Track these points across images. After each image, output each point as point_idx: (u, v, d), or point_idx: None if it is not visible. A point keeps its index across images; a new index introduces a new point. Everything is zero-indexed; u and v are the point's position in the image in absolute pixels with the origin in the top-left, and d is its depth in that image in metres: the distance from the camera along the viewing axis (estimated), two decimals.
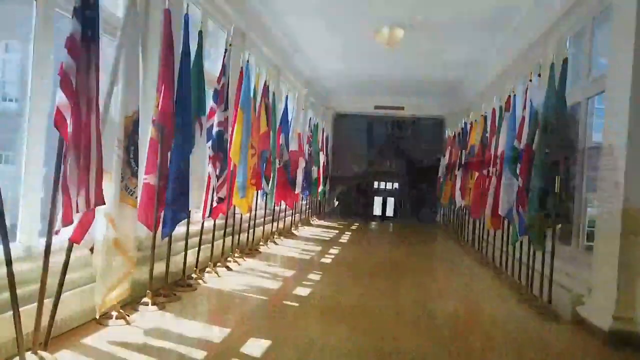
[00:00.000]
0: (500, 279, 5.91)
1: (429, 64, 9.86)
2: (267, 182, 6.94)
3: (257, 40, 7.36)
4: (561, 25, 5.86)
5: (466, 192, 8.86)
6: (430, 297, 4.96)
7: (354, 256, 7.18)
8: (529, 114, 5.32)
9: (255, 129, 6.18)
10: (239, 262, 5.80)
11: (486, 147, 7.67)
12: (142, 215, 3.80)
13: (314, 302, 4.40)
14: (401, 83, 12.13)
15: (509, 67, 7.99)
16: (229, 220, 5.87)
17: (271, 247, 7.33)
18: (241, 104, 5.46)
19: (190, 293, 4.30)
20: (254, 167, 6.12)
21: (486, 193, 7.19)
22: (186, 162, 3.98)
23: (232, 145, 5.41)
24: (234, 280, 4.93)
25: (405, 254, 7.90)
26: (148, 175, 3.81)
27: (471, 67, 9.60)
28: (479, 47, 8.35)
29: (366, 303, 4.44)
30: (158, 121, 3.78)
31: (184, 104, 3.93)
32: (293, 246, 7.64)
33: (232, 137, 5.42)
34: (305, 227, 10.49)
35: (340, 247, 7.96)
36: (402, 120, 16.44)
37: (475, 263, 7.20)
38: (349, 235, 9.91)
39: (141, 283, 3.81)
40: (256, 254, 6.57)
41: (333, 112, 14.57)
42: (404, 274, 6.08)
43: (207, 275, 4.94)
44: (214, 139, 4.71)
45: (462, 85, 11.38)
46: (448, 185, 11.21)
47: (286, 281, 5.12)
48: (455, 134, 11.16)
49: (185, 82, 3.96)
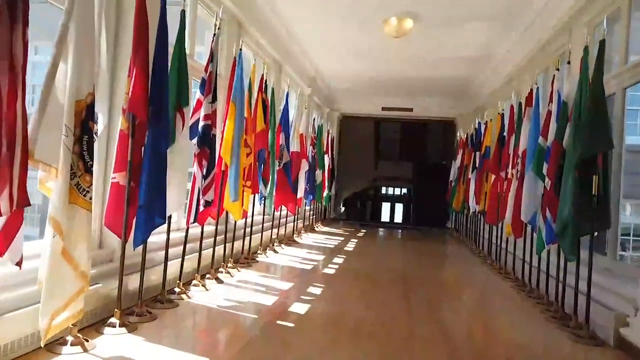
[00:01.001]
0: (524, 294, 5.29)
1: (439, 61, 9.28)
2: (265, 185, 6.37)
3: (255, 32, 6.82)
4: (590, 9, 5.26)
5: (481, 196, 8.24)
6: (445, 315, 4.35)
7: (360, 266, 6.58)
8: (556, 107, 4.73)
9: (251, 126, 5.63)
10: (232, 273, 5.23)
11: (504, 147, 7.06)
12: (109, 219, 3.26)
13: (312, 321, 3.81)
14: (410, 83, 11.56)
15: (528, 59, 7.38)
16: (222, 227, 5.31)
17: (270, 255, 6.75)
18: (233, 96, 4.91)
19: (169, 311, 3.73)
20: (249, 167, 5.56)
21: (505, 197, 6.58)
22: (162, 159, 3.42)
23: (222, 142, 4.86)
24: (223, 295, 4.35)
25: (416, 264, 7.28)
26: (117, 174, 3.26)
27: (485, 62, 9.00)
28: (494, 39, 7.75)
29: (373, 322, 3.85)
30: (129, 110, 3.23)
31: (160, 92, 3.38)
32: (294, 255, 7.05)
33: (224, 134, 4.87)
34: (309, 234, 9.90)
35: (345, 256, 7.36)
36: (411, 122, 15.87)
37: (493, 274, 6.57)
38: (355, 243, 9.31)
39: (113, 299, 3.27)
40: (253, 264, 5.99)
41: (339, 113, 14.00)
42: (415, 286, 5.47)
43: (193, 289, 4.37)
44: (199, 134, 4.15)
45: (474, 84, 10.77)
46: (460, 190, 10.61)
47: (283, 295, 4.53)
48: (467, 135, 10.57)
49: (161, 67, 3.40)
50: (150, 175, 3.30)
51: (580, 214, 3.90)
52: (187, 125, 3.88)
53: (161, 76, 3.40)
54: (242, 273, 5.37)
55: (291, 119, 7.87)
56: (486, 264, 7.44)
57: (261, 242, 6.79)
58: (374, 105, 13.51)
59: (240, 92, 4.93)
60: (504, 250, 6.88)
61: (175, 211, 3.86)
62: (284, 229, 8.16)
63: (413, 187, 19.79)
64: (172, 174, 3.70)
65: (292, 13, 7.33)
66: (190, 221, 4.14)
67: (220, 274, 5.09)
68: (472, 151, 9.79)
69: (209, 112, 4.20)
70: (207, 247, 4.99)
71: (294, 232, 8.85)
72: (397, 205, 22.25)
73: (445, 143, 17.80)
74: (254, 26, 6.72)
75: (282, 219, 8.04)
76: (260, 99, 6.00)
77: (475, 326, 4.18)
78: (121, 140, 3.28)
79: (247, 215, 5.82)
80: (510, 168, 6.47)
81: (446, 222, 13.92)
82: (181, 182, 3.83)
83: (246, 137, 5.48)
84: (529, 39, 7.02)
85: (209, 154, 4.23)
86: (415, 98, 13.05)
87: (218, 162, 5.01)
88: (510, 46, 7.75)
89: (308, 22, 7.70)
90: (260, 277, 5.30)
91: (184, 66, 3.82)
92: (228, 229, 5.51)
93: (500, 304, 5.09)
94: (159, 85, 3.38)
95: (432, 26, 7.38)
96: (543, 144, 4.94)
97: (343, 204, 18.20)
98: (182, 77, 3.79)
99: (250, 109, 5.59)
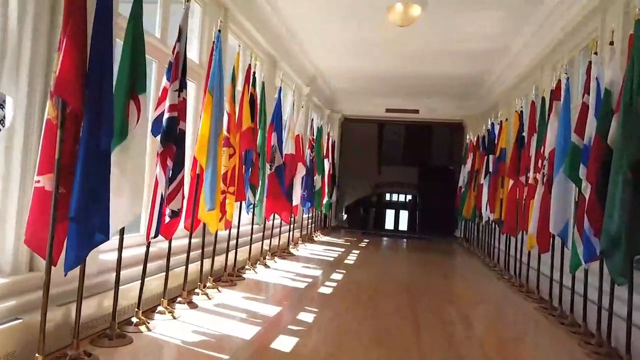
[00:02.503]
0: (554, 318, 4.49)
1: (448, 56, 8.51)
2: (254, 191, 5.60)
3: (244, 21, 6.09)
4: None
5: (496, 203, 7.45)
6: (465, 346, 3.54)
7: (362, 283, 5.78)
8: (595, 97, 3.96)
9: (235, 124, 4.88)
10: (210, 294, 4.45)
11: (523, 149, 6.28)
12: (31, 235, 2.50)
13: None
14: (415, 82, 10.79)
15: (550, 49, 6.60)
16: (198, 240, 4.55)
17: (260, 271, 5.97)
18: (210, 85, 4.15)
19: (118, 350, 2.96)
20: (233, 171, 4.80)
21: (526, 205, 5.79)
22: (103, 158, 2.65)
23: (197, 140, 4.10)
24: (193, 324, 3.57)
25: (425, 280, 6.48)
26: (42, 176, 2.51)
27: (499, 55, 8.21)
28: (510, 28, 6.96)
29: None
30: (55, 92, 2.48)
31: (101, 72, 2.62)
32: (287, 270, 6.27)
33: (199, 130, 4.11)
34: (307, 245, 9.10)
35: (345, 271, 6.57)
36: (416, 125, 15.12)
37: (512, 293, 5.76)
38: (356, 254, 8.52)
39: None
40: (238, 282, 5.21)
41: (340, 115, 13.23)
42: (426, 309, 4.67)
43: (157, 318, 3.60)
44: (163, 129, 3.39)
45: (485, 81, 9.99)
46: (471, 196, 9.81)
47: (266, 325, 3.75)
48: (478, 137, 9.80)
49: (104, 41, 2.65)
50: (85, 178, 2.54)
51: (636, 226, 3.11)
52: (146, 118, 3.12)
53: (103, 53, 2.65)
54: (223, 294, 4.59)
55: (285, 118, 7.13)
56: (503, 279, 6.63)
57: (249, 256, 6.00)
58: (377, 106, 12.75)
59: (218, 81, 4.16)
60: (524, 265, 6.07)
61: (126, 224, 3.09)
62: (277, 240, 7.38)
63: (418, 193, 18.97)
64: (122, 177, 2.94)
65: (288, 4, 6.60)
66: (151, 236, 3.37)
67: (195, 296, 4.32)
68: (484, 154, 9.01)
69: (174, 103, 3.43)
70: (179, 264, 4.23)
71: (289, 244, 8.06)
72: (402, 213, 21.41)
73: (452, 147, 17.02)
74: (243, 15, 5.99)
75: (276, 228, 7.26)
76: (246, 93, 5.25)
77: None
78: (48, 133, 2.52)
79: (230, 225, 5.05)
80: (532, 172, 5.70)
81: (454, 231, 13.10)
82: (136, 187, 3.06)
83: (229, 135, 4.74)
84: (551, 26, 6.24)
85: (176, 152, 3.45)
86: (421, 99, 12.29)
87: (193, 165, 4.27)
88: (528, 36, 6.97)
89: (304, 11, 6.97)
90: (243, 299, 4.52)
91: (141, 45, 3.07)
92: (207, 243, 4.75)
93: (528, 331, 4.29)
94: (99, 64, 2.62)
95: (441, 15, 6.61)
96: (578, 142, 4.17)
97: (345, 211, 17.39)
98: (137, 57, 3.04)
99: (235, 104, 4.84)
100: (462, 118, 12.53)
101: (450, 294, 5.55)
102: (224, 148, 4.68)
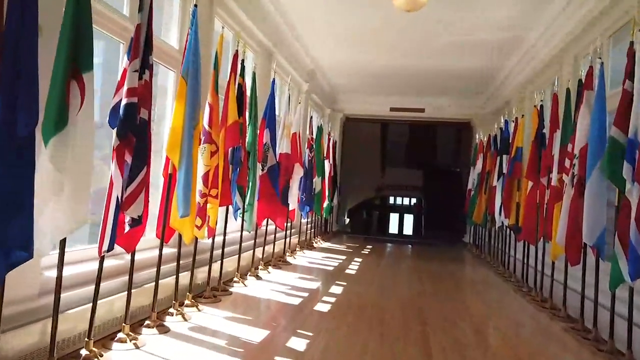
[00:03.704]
0: (589, 343, 3.83)
1: (457, 48, 7.87)
2: (242, 194, 4.97)
3: (236, 9, 5.47)
4: None
5: (511, 207, 6.80)
6: None
7: (363, 299, 5.13)
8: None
9: (218, 117, 4.25)
10: (188, 314, 3.82)
11: (543, 148, 5.64)
12: None
13: None
14: (421, 78, 10.17)
15: (573, 36, 5.96)
16: (179, 250, 3.93)
17: (250, 284, 5.33)
18: (183, 69, 3.52)
19: None
20: (215, 171, 4.17)
21: (549, 209, 5.15)
22: (25, 150, 2.03)
23: (169, 133, 3.47)
24: (157, 355, 2.94)
25: (434, 295, 5.82)
26: None
27: (514, 45, 7.57)
28: (529, 12, 6.32)
29: None
30: None
31: (16, 40, 2.00)
32: (282, 282, 5.63)
33: (171, 122, 3.48)
34: (305, 252, 8.46)
35: (346, 282, 5.93)
36: (422, 125, 14.48)
37: (534, 309, 5.10)
38: (359, 262, 7.87)
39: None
40: (224, 297, 4.58)
41: (342, 114, 12.59)
42: (438, 332, 4.02)
43: (114, 348, 2.97)
44: (120, 119, 2.76)
45: (497, 77, 9.36)
46: (482, 200, 9.16)
47: (248, 355, 3.11)
48: (489, 137, 9.16)
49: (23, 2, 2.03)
50: None
51: None
52: (93, 102, 2.50)
53: (21, 15, 2.03)
54: (203, 314, 3.95)
55: (280, 114, 6.52)
56: (520, 291, 5.97)
57: (238, 267, 5.36)
58: (380, 105, 12.12)
59: (194, 65, 3.53)
60: (547, 277, 5.42)
61: (68, 234, 2.47)
62: (272, 247, 6.73)
63: (424, 196, 18.30)
64: (61, 175, 2.33)
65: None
66: (103, 249, 2.73)
67: (169, 317, 3.69)
68: (496, 155, 8.36)
69: (133, 86, 2.80)
70: (145, 281, 3.60)
71: (285, 252, 7.42)
72: (406, 216, 20.75)
73: (459, 147, 16.38)
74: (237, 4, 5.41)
75: (271, 235, 6.62)
76: (233, 83, 4.63)
77: None
78: None
79: (214, 233, 4.43)
80: (555, 172, 5.06)
81: (462, 236, 12.42)
82: (79, 188, 2.43)
83: (210, 130, 4.11)
84: (574, 11, 5.61)
85: (136, 146, 2.82)
86: (427, 96, 11.65)
87: (165, 165, 3.65)
88: (547, 23, 6.33)
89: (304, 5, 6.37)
90: (226, 319, 3.88)
91: (86, 11, 2.46)
92: (187, 253, 4.12)
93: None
94: (15, 30, 2.00)
95: (449, 1, 6.00)
96: (619, 136, 3.54)
97: (347, 215, 16.74)
98: (82, 29, 2.43)
99: (218, 94, 4.21)
100: (471, 117, 11.88)
101: (464, 312, 4.89)
102: (204, 145, 4.07)
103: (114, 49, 3.87)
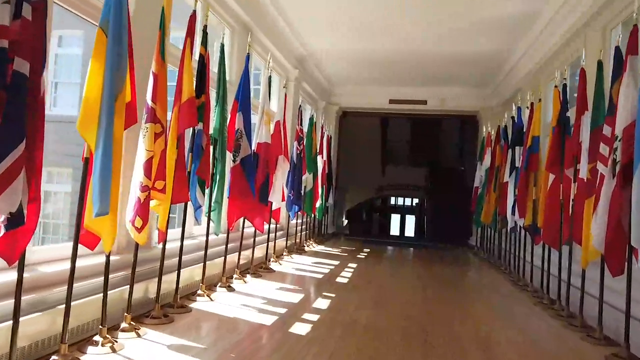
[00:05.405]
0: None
1: (462, 31, 7.01)
2: (203, 190, 4.10)
3: None
4: None
5: (527, 205, 5.89)
6: None
7: (353, 316, 4.23)
8: None
9: (165, 90, 3.37)
10: (119, 344, 2.93)
11: (569, 133, 4.76)
12: None
13: None
14: (423, 68, 9.32)
15: (598, 5, 5.07)
16: (107, 260, 3.04)
17: (218, 297, 4.44)
18: (102, 18, 2.64)
19: None
20: (162, 157, 3.30)
21: (576, 207, 4.27)
22: None
23: (82, 105, 2.59)
24: None
25: (440, 310, 4.91)
26: None
27: (525, 24, 6.70)
28: None
29: None
30: None
31: None
32: (258, 294, 4.74)
33: (84, 90, 2.60)
34: (294, 257, 7.57)
35: (334, 294, 5.05)
36: (424, 118, 13.59)
37: (561, 327, 4.20)
38: (353, 268, 6.98)
39: None
40: (179, 317, 3.69)
41: (338, 108, 11.70)
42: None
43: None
44: None
45: (506, 61, 8.46)
46: (490, 198, 8.26)
47: None
48: (498, 128, 8.28)
49: None
50: None
51: None
52: None
53: None
54: (137, 344, 3.06)
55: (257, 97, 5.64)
56: (541, 304, 5.07)
57: (203, 278, 4.46)
58: (379, 97, 11.22)
59: (117, 11, 2.64)
60: (574, 289, 4.52)
61: None
62: (251, 252, 5.84)
63: (427, 196, 17.39)
64: None
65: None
66: None
67: (92, 347, 2.80)
68: (507, 147, 7.47)
69: (4, 24, 1.93)
70: (80, 295, 2.72)
71: (267, 257, 6.52)
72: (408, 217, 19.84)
73: (464, 143, 15.48)
74: None
75: (250, 238, 5.73)
76: (189, 51, 3.75)
77: None
78: None
79: (164, 237, 3.56)
80: (584, 162, 4.18)
81: (468, 238, 11.50)
82: None
83: (155, 106, 3.24)
84: None
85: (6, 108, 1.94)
86: (429, 87, 10.76)
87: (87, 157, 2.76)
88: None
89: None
90: (169, 349, 2.99)
91: None
92: (125, 262, 3.25)
93: None
94: None
95: None
96: None
97: (345, 216, 15.84)
98: None
99: (164, 61, 3.33)
100: (477, 109, 10.97)
101: (477, 331, 4.00)
102: (146, 124, 3.20)
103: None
